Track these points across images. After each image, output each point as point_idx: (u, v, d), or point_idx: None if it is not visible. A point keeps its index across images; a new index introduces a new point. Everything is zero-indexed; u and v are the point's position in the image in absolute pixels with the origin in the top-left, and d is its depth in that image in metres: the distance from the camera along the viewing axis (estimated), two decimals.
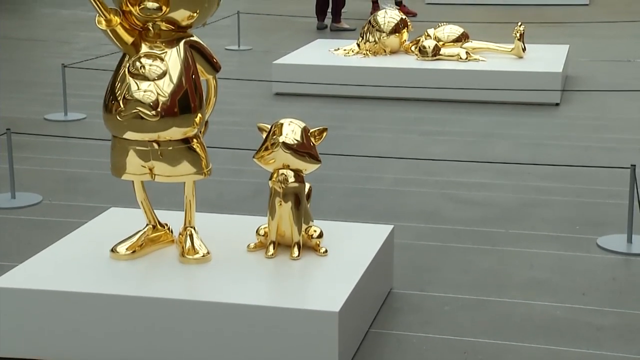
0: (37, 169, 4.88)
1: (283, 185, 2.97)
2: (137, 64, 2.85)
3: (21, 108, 6.23)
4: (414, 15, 9.84)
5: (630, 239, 3.78)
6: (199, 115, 2.91)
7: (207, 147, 3.01)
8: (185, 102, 2.86)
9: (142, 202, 3.07)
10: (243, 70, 7.29)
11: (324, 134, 3.01)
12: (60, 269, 2.96)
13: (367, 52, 6.84)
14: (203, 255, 3.00)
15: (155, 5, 2.80)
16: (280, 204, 2.99)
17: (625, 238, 3.79)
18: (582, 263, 3.66)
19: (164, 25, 2.87)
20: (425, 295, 3.35)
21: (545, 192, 4.48)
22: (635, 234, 3.80)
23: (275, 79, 6.62)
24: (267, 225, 3.06)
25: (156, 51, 2.87)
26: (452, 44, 6.74)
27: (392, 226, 3.38)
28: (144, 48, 2.87)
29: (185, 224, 3.06)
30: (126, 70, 2.86)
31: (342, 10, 9.52)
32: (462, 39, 6.78)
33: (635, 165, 3.72)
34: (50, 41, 8.95)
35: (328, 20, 9.54)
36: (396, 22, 6.83)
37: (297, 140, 2.94)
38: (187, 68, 2.88)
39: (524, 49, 6.69)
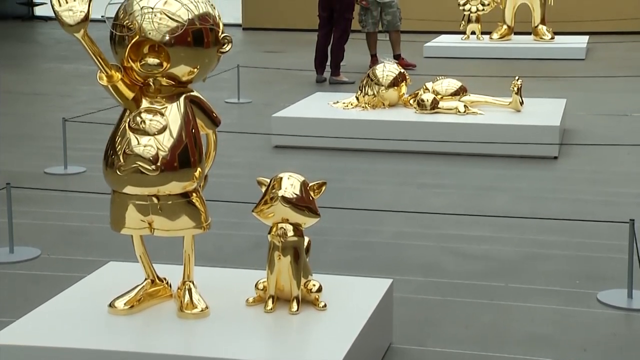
0: (36, 222, 4.87)
1: (282, 239, 2.97)
2: (138, 119, 2.87)
3: (21, 162, 6.25)
4: (413, 67, 9.93)
5: (631, 294, 3.76)
6: (199, 169, 2.92)
7: (206, 200, 3.02)
8: (185, 156, 2.87)
9: (140, 256, 3.07)
10: (243, 123, 7.33)
11: (323, 188, 3.02)
12: (58, 324, 2.94)
13: (366, 105, 6.88)
14: (201, 310, 2.98)
15: (156, 61, 2.83)
16: (279, 258, 2.99)
17: (626, 293, 3.77)
18: (583, 318, 3.64)
19: (164, 81, 2.89)
20: (425, 350, 3.33)
21: (544, 246, 4.47)
22: (635, 289, 3.78)
23: (274, 131, 6.65)
24: (266, 280, 3.05)
25: (156, 106, 2.89)
26: (450, 97, 6.79)
27: (391, 280, 3.37)
28: (145, 103, 2.90)
29: (183, 278, 3.05)
30: (127, 125, 2.87)
31: (341, 64, 9.60)
32: (460, 92, 6.83)
33: (634, 220, 3.72)
34: (52, 95, 9.01)
35: (327, 74, 9.62)
36: (395, 75, 6.89)
37: (296, 194, 2.95)
38: (187, 123, 2.90)
39: (521, 103, 6.73)
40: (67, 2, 2.74)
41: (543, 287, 3.95)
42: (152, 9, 2.80)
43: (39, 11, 16.20)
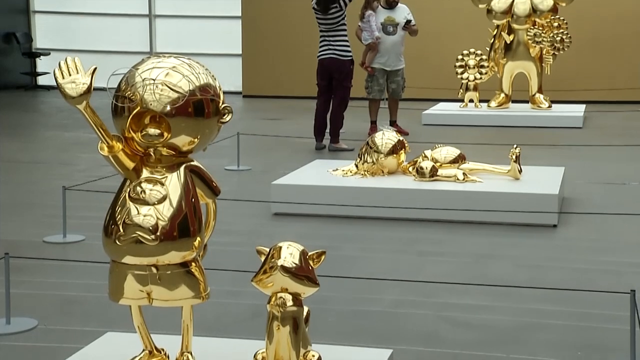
0: (34, 292, 4.84)
1: (281, 309, 2.95)
2: (138, 188, 2.88)
3: (20, 230, 6.24)
4: (406, 134, 10.01)
5: None
6: (198, 239, 2.92)
7: (205, 268, 3.01)
8: (184, 226, 2.87)
9: (138, 327, 3.04)
10: (242, 191, 7.35)
11: (323, 257, 3.01)
12: None
13: (365, 173, 6.92)
14: None
15: (157, 131, 2.86)
16: (279, 328, 2.97)
17: None
18: None
19: (165, 151, 2.91)
20: None
21: (545, 316, 4.44)
22: None
23: (274, 199, 6.66)
24: (265, 350, 3.03)
25: (157, 176, 2.90)
26: (449, 165, 6.82)
27: (391, 350, 3.34)
28: (145, 173, 2.91)
29: (182, 348, 3.03)
30: (127, 194, 2.88)
31: (340, 131, 9.67)
32: (459, 160, 6.87)
33: (634, 291, 3.70)
34: (52, 163, 9.05)
35: (326, 141, 9.68)
36: (394, 143, 6.93)
37: (295, 264, 2.95)
38: (187, 192, 2.91)
39: (520, 171, 6.76)
40: (70, 75, 2.78)
41: (544, 357, 3.91)
42: (154, 80, 2.83)
43: (41, 81, 16.38)
